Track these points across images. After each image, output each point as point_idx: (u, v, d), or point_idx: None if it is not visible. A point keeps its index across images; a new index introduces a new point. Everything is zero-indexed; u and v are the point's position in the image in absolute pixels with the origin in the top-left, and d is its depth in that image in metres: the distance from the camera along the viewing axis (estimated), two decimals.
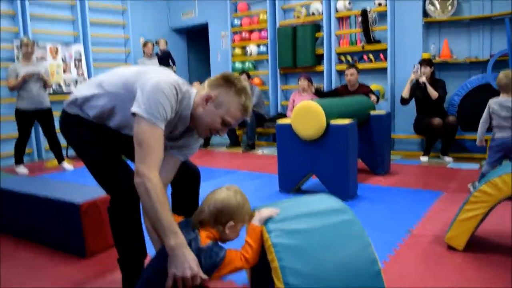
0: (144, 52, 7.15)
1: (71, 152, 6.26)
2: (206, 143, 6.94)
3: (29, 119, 5.18)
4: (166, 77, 1.69)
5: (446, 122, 4.99)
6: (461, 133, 5.29)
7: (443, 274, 2.21)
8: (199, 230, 1.57)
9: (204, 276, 1.47)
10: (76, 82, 6.54)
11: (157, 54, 7.29)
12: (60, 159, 5.39)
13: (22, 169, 5.21)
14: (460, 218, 2.43)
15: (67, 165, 5.40)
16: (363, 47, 6.01)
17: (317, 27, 6.51)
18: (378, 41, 5.94)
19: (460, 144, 5.40)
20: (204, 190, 4.25)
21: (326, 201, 1.69)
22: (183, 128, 1.85)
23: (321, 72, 6.52)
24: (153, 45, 7.20)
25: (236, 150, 6.53)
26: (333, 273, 1.38)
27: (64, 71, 6.44)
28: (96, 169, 1.92)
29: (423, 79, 5.07)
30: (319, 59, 6.56)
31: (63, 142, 5.82)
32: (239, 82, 1.75)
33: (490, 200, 2.33)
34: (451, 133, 5.06)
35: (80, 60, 6.65)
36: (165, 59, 7.20)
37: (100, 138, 1.89)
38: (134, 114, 1.61)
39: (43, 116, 5.23)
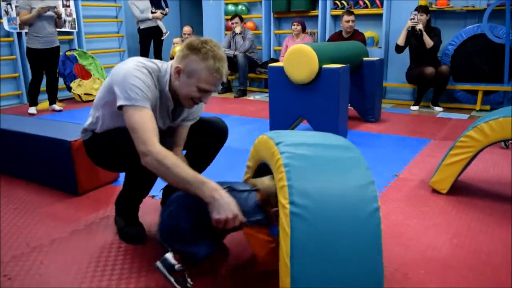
0: None
1: (61, 95, 6.21)
2: None
3: (41, 58, 5.06)
4: (132, 63, 1.76)
5: (438, 72, 4.98)
6: (453, 83, 5.30)
7: (425, 215, 2.29)
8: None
9: (243, 219, 1.53)
10: (65, 22, 6.36)
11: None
12: (52, 100, 5.35)
13: (33, 111, 5.21)
14: (445, 162, 2.49)
15: (57, 107, 5.37)
16: None
17: None
18: None
19: (450, 94, 5.42)
20: None
21: (334, 138, 1.73)
22: (172, 106, 1.90)
23: (316, 17, 6.38)
24: None
25: (228, 95, 6.50)
26: (336, 200, 1.42)
27: None
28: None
29: (419, 26, 4.99)
30: (313, 3, 6.40)
31: (60, 84, 5.80)
32: (204, 46, 1.72)
33: (476, 146, 2.38)
34: (443, 82, 5.06)
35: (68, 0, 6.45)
36: (157, 0, 6.93)
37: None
38: (120, 108, 1.70)
39: (51, 54, 5.13)
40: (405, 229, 2.14)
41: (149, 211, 2.34)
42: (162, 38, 6.95)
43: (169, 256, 1.59)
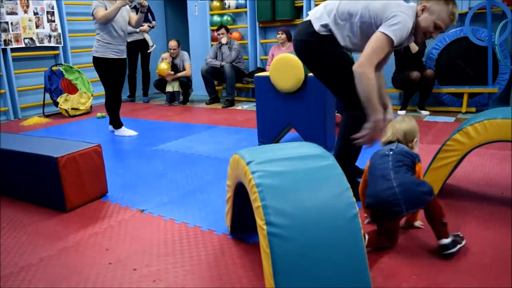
0: None
1: (48, 110, 6.18)
2: (185, 100, 6.87)
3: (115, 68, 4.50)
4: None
5: (423, 76, 5.03)
6: (438, 86, 5.36)
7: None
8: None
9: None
10: (50, 37, 6.34)
11: (135, 7, 6.95)
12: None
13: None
14: (433, 166, 2.51)
15: None
16: None
17: None
18: None
19: (436, 98, 5.47)
20: (185, 145, 4.26)
21: (307, 147, 1.73)
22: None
23: None
24: None
25: (216, 106, 6.50)
26: (313, 213, 1.42)
27: (37, 26, 6.22)
28: (346, 77, 2.37)
29: None
30: (298, 11, 6.46)
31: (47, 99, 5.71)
32: None
33: (462, 149, 2.39)
34: (429, 86, 5.12)
35: (53, 14, 6.42)
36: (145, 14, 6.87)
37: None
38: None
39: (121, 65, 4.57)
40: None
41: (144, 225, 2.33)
42: (148, 51, 6.95)
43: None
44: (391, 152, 2.03)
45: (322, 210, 1.45)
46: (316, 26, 2.45)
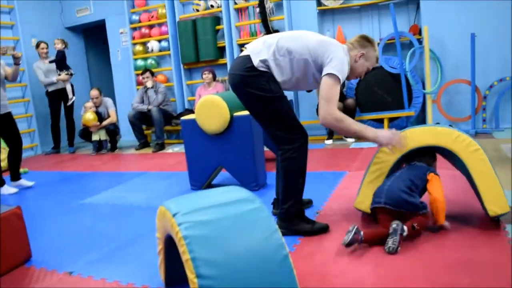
0: (39, 55, 6.67)
1: None
2: (113, 147, 6.68)
3: None
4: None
5: (345, 105, 5.26)
6: (360, 114, 5.62)
7: (348, 248, 2.32)
8: None
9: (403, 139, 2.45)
10: None
11: (53, 61, 6.72)
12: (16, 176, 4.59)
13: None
14: (366, 180, 2.63)
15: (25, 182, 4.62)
16: None
17: (217, 19, 6.51)
18: (277, 31, 6.08)
19: None
20: (114, 195, 4.10)
21: (233, 192, 1.73)
22: None
23: (225, 65, 6.55)
24: (47, 45, 6.70)
25: (146, 151, 6.37)
26: (243, 260, 1.42)
27: None
28: (284, 116, 2.52)
29: None
30: (221, 51, 6.58)
31: None
32: (372, 39, 2.58)
33: (390, 159, 2.58)
34: (351, 115, 5.33)
35: None
36: (61, 62, 6.62)
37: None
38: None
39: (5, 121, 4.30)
40: (330, 267, 2.15)
41: None
42: (68, 104, 6.70)
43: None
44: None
45: (252, 255, 1.45)
46: (255, 61, 2.48)
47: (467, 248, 2.19)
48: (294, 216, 2.59)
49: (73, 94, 6.71)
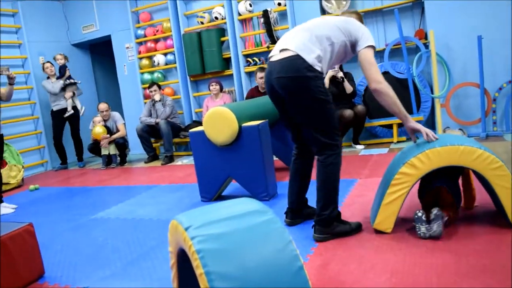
0: (47, 75, 6.74)
1: None
2: (123, 161, 6.70)
3: None
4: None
5: (356, 113, 5.25)
6: (370, 120, 5.59)
7: (363, 258, 2.29)
8: None
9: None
10: None
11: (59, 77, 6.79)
12: None
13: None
14: (384, 202, 2.53)
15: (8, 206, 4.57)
16: (268, 47, 6.13)
17: (221, 31, 6.54)
18: None
19: (369, 131, 5.69)
20: (125, 209, 4.10)
21: (245, 204, 1.70)
22: None
23: (231, 76, 6.57)
24: (51, 64, 6.76)
25: (155, 164, 6.38)
26: (258, 273, 1.39)
27: None
28: (331, 120, 2.56)
29: (340, 74, 5.32)
30: (227, 63, 6.60)
31: None
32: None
33: (410, 180, 2.48)
34: (361, 122, 5.34)
35: None
36: (64, 74, 6.66)
37: None
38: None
39: None
40: (345, 277, 2.13)
41: None
42: (65, 116, 6.70)
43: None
44: None
45: (266, 268, 1.42)
46: (310, 59, 2.43)
47: (482, 255, 2.15)
48: (334, 220, 2.60)
49: (78, 110, 6.77)
